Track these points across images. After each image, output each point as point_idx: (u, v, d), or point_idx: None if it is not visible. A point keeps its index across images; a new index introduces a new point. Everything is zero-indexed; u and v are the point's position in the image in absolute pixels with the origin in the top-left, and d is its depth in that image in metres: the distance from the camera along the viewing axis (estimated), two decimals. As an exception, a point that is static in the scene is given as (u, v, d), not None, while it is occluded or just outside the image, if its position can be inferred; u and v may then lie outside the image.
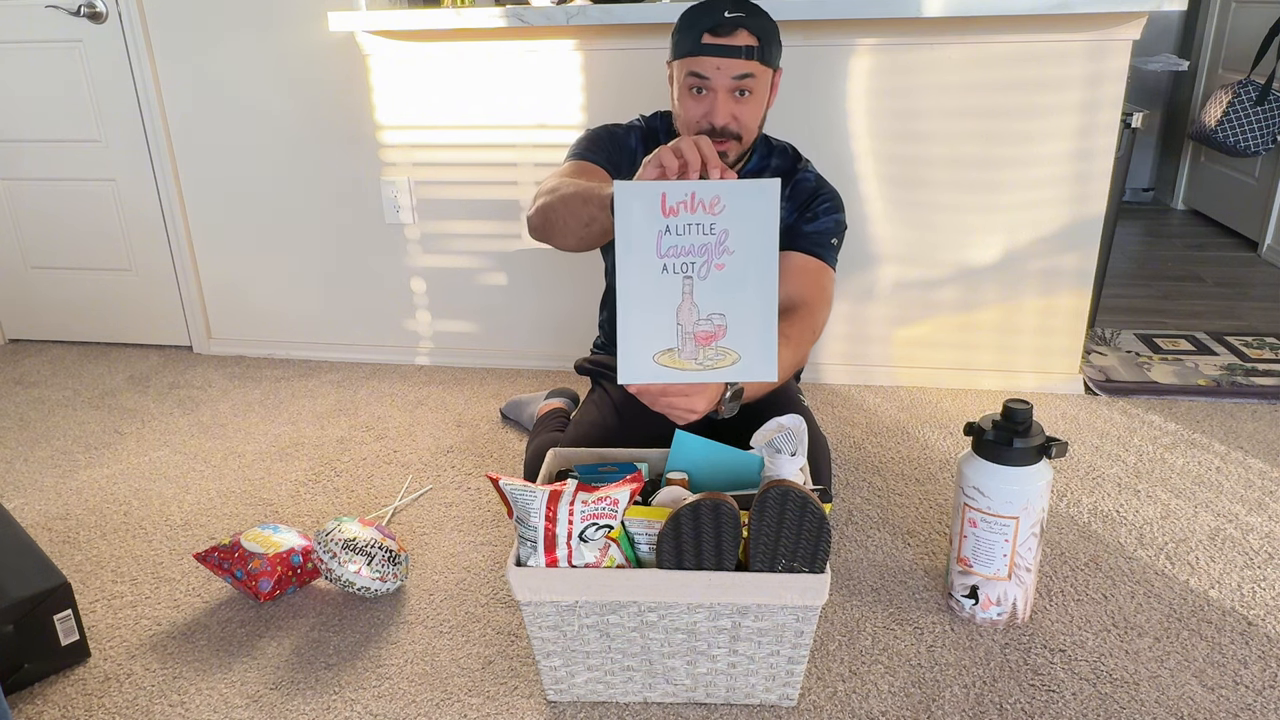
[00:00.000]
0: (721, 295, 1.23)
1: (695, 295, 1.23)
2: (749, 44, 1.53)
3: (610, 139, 1.71)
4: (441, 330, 2.70)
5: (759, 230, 1.21)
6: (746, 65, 1.53)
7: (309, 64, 2.48)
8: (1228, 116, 3.31)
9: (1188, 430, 2.18)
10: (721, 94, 1.54)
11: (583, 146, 1.71)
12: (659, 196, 1.20)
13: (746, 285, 1.23)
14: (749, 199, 1.20)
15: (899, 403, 2.38)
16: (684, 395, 1.30)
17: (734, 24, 1.52)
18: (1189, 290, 3.21)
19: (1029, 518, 1.42)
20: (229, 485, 2.05)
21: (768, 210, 1.21)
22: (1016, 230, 2.32)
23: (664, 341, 1.24)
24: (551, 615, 1.27)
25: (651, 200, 1.20)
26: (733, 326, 1.24)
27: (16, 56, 2.63)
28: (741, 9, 1.53)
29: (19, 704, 1.40)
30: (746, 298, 1.23)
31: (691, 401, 1.31)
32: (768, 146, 1.75)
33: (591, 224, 1.41)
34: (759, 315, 1.24)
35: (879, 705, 1.35)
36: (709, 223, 1.21)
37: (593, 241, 1.48)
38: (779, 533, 1.20)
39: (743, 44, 1.52)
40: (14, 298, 2.94)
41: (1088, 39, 2.13)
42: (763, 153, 1.73)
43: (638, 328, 1.24)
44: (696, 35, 1.53)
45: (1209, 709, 1.33)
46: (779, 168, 1.71)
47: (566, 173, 1.61)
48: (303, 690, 1.42)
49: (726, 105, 1.55)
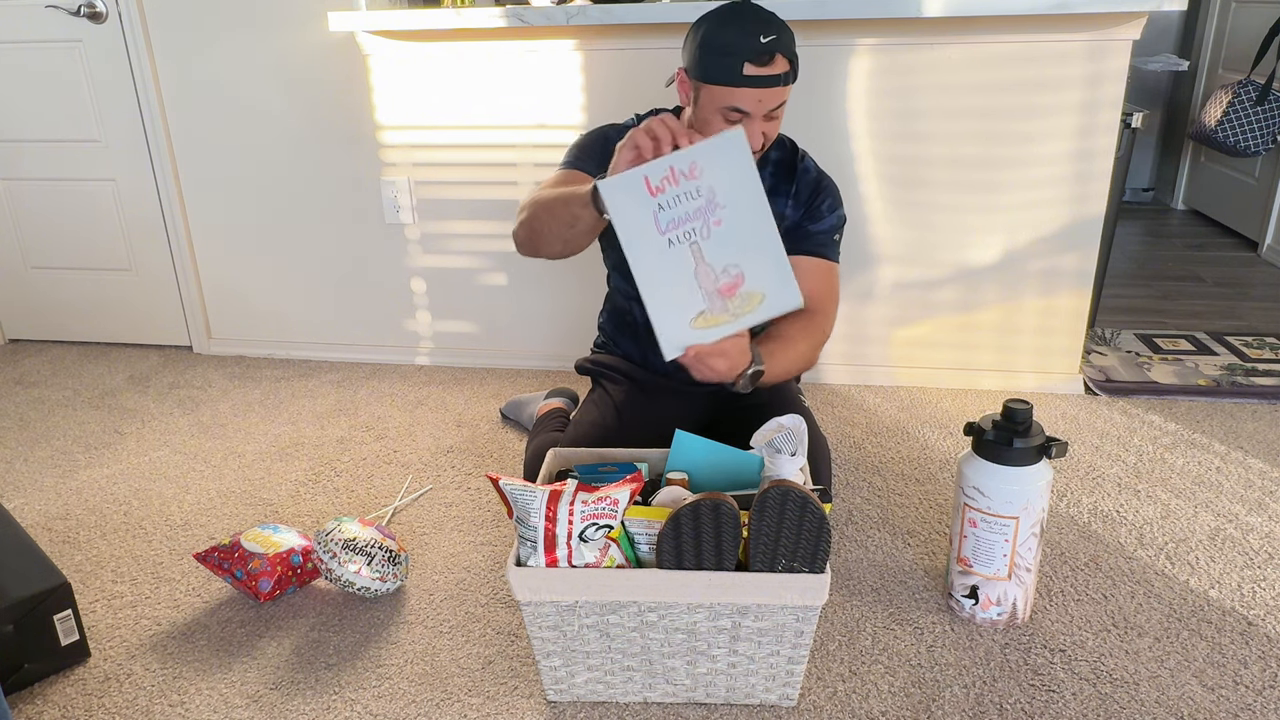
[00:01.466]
0: (729, 247, 1.31)
1: (706, 255, 1.31)
2: (785, 70, 1.46)
3: (604, 142, 1.68)
4: (441, 330, 2.71)
5: (740, 178, 1.29)
6: (785, 92, 1.48)
7: (309, 64, 2.48)
8: (1228, 116, 3.31)
9: (1188, 430, 2.18)
10: (757, 120, 1.49)
11: (573, 155, 1.70)
12: (642, 180, 1.26)
13: (747, 229, 1.31)
14: (721, 153, 1.27)
15: (899, 403, 2.38)
16: (721, 355, 1.35)
17: (772, 49, 1.43)
18: (1189, 290, 3.21)
19: (1029, 518, 1.42)
20: (229, 485, 2.05)
21: (741, 157, 1.28)
22: (1016, 230, 2.32)
23: (694, 307, 1.32)
24: (551, 615, 1.27)
25: (636, 187, 1.26)
26: (748, 270, 1.33)
27: (16, 56, 2.63)
28: (773, 29, 1.44)
29: (19, 704, 1.40)
30: (752, 240, 1.31)
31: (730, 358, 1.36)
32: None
33: (575, 223, 1.41)
34: (768, 251, 1.33)
35: (879, 705, 1.35)
36: (694, 188, 1.28)
37: (579, 242, 1.48)
38: (779, 533, 1.21)
39: (781, 71, 1.46)
40: (14, 298, 2.94)
41: (1088, 39, 2.13)
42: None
43: (666, 304, 1.32)
44: (735, 65, 1.43)
45: (1209, 709, 1.33)
46: (779, 160, 1.69)
47: (552, 182, 1.61)
48: (303, 690, 1.42)
49: (760, 128, 1.50)
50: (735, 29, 1.45)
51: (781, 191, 1.67)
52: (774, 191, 1.66)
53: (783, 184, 1.67)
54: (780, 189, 1.67)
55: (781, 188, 1.67)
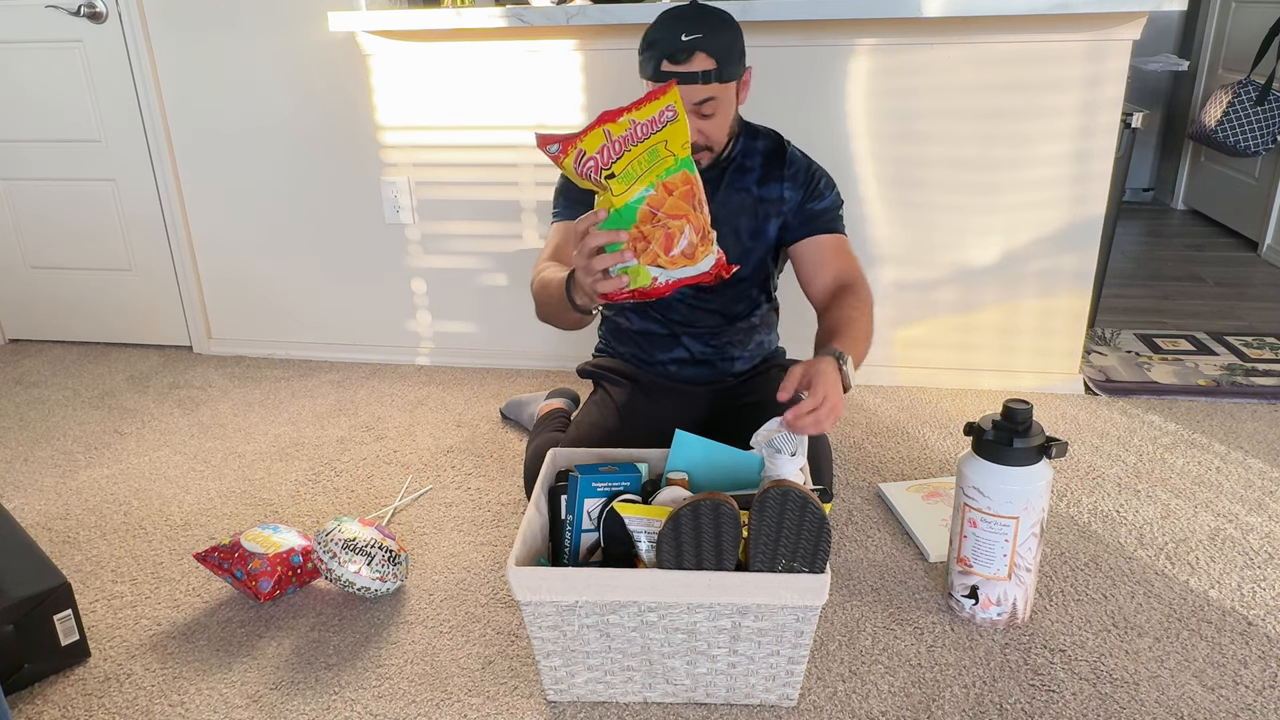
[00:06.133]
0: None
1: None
2: (706, 68, 1.48)
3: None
4: (441, 330, 2.71)
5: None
6: (705, 90, 1.50)
7: (309, 64, 2.48)
8: (1228, 116, 3.31)
9: (1188, 430, 2.18)
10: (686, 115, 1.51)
11: (560, 204, 1.72)
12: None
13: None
14: None
15: (899, 403, 2.38)
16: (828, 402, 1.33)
17: (691, 48, 1.47)
18: (1189, 290, 3.21)
19: (1029, 518, 1.42)
20: (229, 485, 2.05)
21: None
22: (1017, 230, 2.32)
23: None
24: (551, 615, 1.27)
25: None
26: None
27: (16, 56, 2.63)
28: (700, 28, 1.48)
29: (19, 704, 1.40)
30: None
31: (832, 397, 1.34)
32: (751, 131, 1.72)
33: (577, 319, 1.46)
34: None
35: (879, 705, 1.35)
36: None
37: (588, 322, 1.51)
38: (779, 533, 1.21)
39: (699, 69, 1.48)
40: (14, 298, 2.94)
41: (1087, 39, 2.13)
42: (747, 137, 1.71)
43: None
44: (656, 61, 1.50)
45: (1209, 709, 1.33)
46: (765, 149, 1.71)
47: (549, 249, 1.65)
48: (303, 690, 1.42)
49: (691, 124, 1.51)
50: (662, 27, 1.50)
51: (774, 176, 1.69)
52: (767, 178, 1.68)
53: (774, 169, 1.69)
54: (773, 174, 1.69)
55: (774, 173, 1.69)
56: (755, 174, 1.69)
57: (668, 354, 1.80)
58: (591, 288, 1.29)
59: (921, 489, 1.91)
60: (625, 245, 1.26)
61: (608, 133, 1.27)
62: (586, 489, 1.41)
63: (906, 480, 1.98)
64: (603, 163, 1.27)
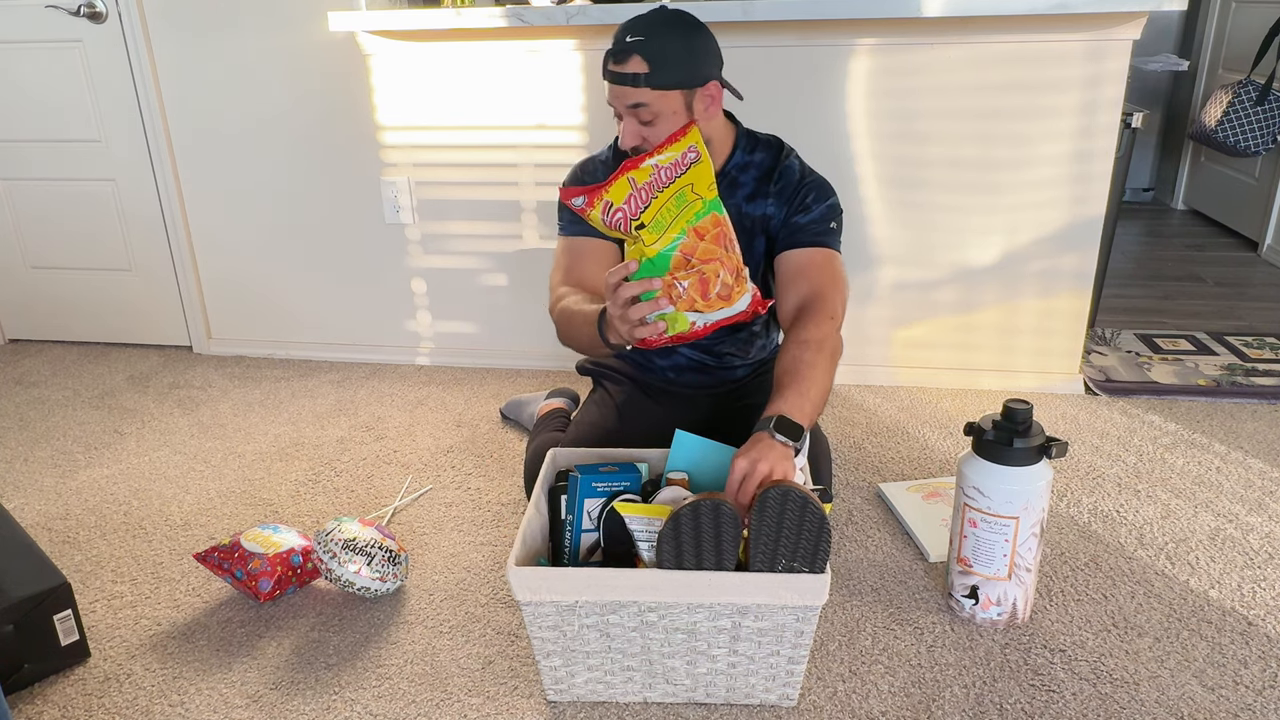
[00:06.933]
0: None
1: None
2: (636, 71, 1.46)
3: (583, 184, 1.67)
4: (441, 330, 2.71)
5: None
6: (635, 94, 1.47)
7: (309, 64, 2.48)
8: (1228, 116, 3.31)
9: (1188, 430, 2.18)
10: (626, 118, 1.50)
11: (566, 218, 1.70)
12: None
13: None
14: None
15: (899, 403, 2.38)
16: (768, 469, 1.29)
17: (630, 49, 1.45)
18: (1189, 290, 3.21)
19: (1029, 518, 1.42)
20: (229, 485, 2.05)
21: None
22: (1016, 231, 2.32)
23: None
24: (551, 615, 1.27)
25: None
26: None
27: (16, 56, 2.63)
28: (645, 31, 1.45)
29: (19, 704, 1.40)
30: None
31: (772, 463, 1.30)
32: (752, 141, 1.67)
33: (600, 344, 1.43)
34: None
35: (879, 705, 1.35)
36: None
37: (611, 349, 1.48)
38: (779, 533, 1.21)
39: (630, 71, 1.46)
40: (14, 298, 2.94)
41: (1087, 39, 2.13)
42: (746, 148, 1.66)
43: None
44: (605, 60, 1.50)
45: (1209, 709, 1.33)
46: (761, 163, 1.65)
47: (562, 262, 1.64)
48: (303, 690, 1.42)
49: (632, 128, 1.50)
50: (622, 26, 1.49)
51: (761, 193, 1.63)
52: (756, 195, 1.63)
53: (762, 185, 1.63)
54: (760, 190, 1.63)
55: (761, 189, 1.63)
56: (746, 189, 1.64)
57: (666, 360, 1.79)
58: (629, 335, 1.29)
59: (921, 489, 1.91)
60: (660, 293, 1.26)
61: (632, 180, 1.27)
62: (586, 489, 1.41)
63: (906, 480, 1.98)
64: (631, 213, 1.27)
